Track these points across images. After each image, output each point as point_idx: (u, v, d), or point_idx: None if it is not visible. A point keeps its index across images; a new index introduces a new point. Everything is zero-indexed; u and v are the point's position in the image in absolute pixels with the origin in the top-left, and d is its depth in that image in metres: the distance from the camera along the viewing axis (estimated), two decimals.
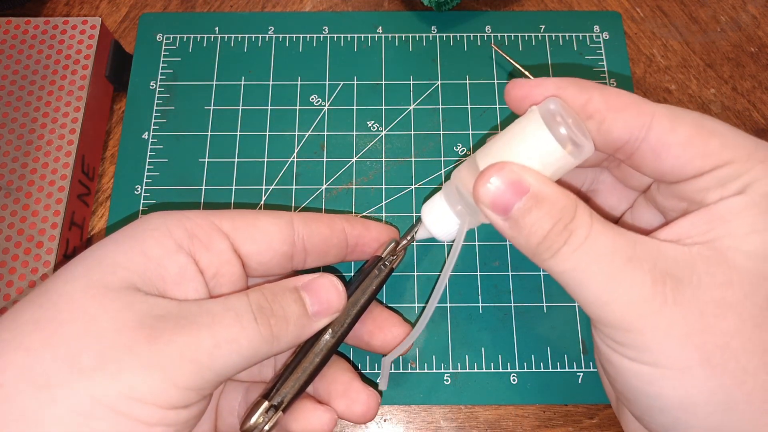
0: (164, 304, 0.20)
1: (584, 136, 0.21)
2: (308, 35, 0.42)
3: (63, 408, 0.18)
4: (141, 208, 0.37)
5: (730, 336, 0.18)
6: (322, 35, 0.42)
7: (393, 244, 0.28)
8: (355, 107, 0.40)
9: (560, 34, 0.42)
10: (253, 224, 0.24)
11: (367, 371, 0.34)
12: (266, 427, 0.23)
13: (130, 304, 0.20)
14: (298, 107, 0.40)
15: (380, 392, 0.29)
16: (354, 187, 0.38)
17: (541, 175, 0.20)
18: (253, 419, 0.23)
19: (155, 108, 0.40)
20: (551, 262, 0.20)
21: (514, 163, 0.21)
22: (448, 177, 0.38)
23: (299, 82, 0.40)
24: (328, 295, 0.23)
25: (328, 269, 0.35)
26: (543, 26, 0.42)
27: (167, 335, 0.19)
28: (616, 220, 0.27)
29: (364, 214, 0.37)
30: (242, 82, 0.40)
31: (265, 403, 0.24)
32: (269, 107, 0.40)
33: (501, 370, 0.33)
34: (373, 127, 0.39)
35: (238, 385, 0.27)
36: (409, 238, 0.28)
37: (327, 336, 0.25)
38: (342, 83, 0.40)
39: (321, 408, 0.26)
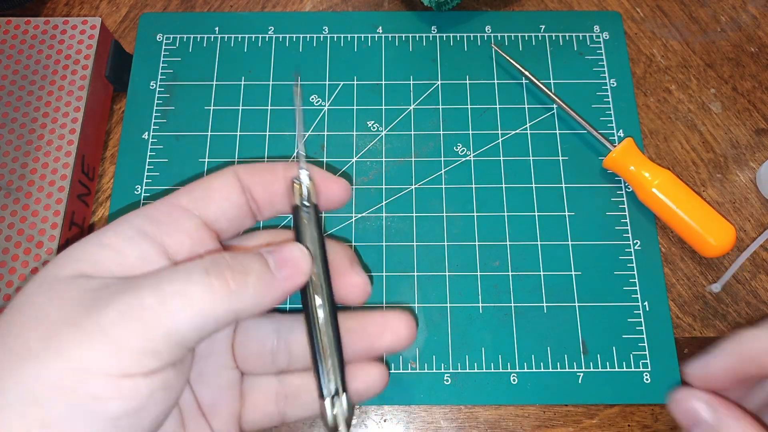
0: (112, 281, 0.20)
1: None
2: (308, 35, 0.42)
3: (12, 397, 0.17)
4: None
5: None
6: (322, 35, 0.42)
7: (296, 184, 0.25)
8: (355, 107, 0.40)
9: (560, 34, 0.42)
10: (207, 187, 0.23)
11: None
12: (345, 416, 0.23)
13: (75, 286, 0.19)
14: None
15: None
16: (354, 187, 0.38)
17: (733, 407, 0.22)
18: (331, 420, 0.23)
19: (155, 108, 0.40)
20: None
21: (707, 393, 0.23)
22: (448, 177, 0.38)
23: (299, 82, 0.40)
24: (291, 254, 0.22)
25: None
26: (543, 26, 0.42)
27: (106, 299, 0.19)
28: None
29: (364, 214, 0.37)
30: (242, 82, 0.40)
31: (327, 400, 0.23)
32: (269, 107, 0.40)
33: (501, 370, 0.33)
34: (373, 127, 0.39)
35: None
36: (301, 169, 0.25)
37: (318, 302, 0.23)
38: (342, 83, 0.40)
39: (370, 365, 0.25)
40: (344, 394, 0.23)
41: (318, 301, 0.24)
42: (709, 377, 0.23)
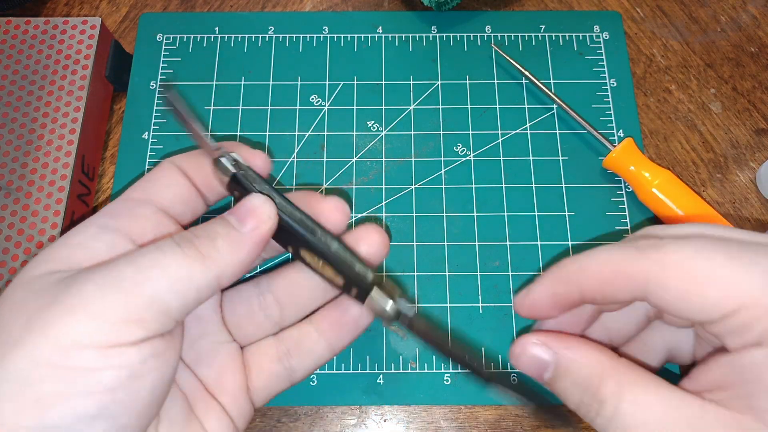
0: (87, 266, 0.20)
1: None
2: (308, 35, 0.42)
3: (2, 383, 0.17)
4: None
5: None
6: (322, 35, 0.42)
7: (221, 160, 0.24)
8: (355, 107, 0.40)
9: (560, 34, 0.42)
10: (151, 179, 0.24)
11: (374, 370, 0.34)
12: (408, 310, 0.23)
13: (50, 279, 0.20)
14: (298, 107, 0.40)
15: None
16: (354, 187, 0.38)
17: (563, 340, 0.21)
18: (388, 305, 0.23)
19: (155, 108, 0.40)
20: (594, 423, 0.20)
21: (541, 333, 0.22)
22: (448, 177, 0.38)
23: (299, 82, 0.40)
24: (249, 205, 0.22)
25: None
26: (543, 26, 0.42)
27: (84, 277, 0.19)
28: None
29: (364, 214, 0.37)
30: (242, 82, 0.40)
31: (375, 290, 0.23)
32: (269, 107, 0.40)
33: (501, 370, 0.33)
34: (373, 127, 0.39)
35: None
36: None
37: (305, 226, 0.23)
38: (342, 83, 0.40)
39: (368, 230, 0.25)
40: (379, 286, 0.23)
41: (304, 225, 0.23)
42: (534, 304, 0.23)
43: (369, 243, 0.25)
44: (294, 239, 0.23)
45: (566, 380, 0.20)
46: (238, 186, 0.23)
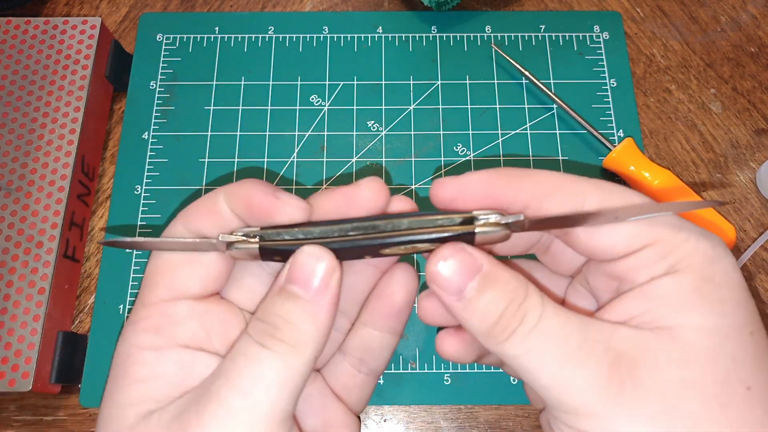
0: (179, 404, 0.19)
1: None
2: (308, 35, 0.42)
3: None
4: (141, 208, 0.37)
5: (699, 418, 0.17)
6: (322, 35, 0.42)
7: (237, 248, 0.21)
8: (355, 107, 0.40)
9: (560, 34, 0.42)
10: (171, 267, 0.21)
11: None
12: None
13: (151, 421, 0.19)
14: (298, 107, 0.40)
15: None
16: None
17: (490, 257, 0.20)
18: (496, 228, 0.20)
19: (155, 108, 0.40)
20: (506, 345, 0.19)
21: (464, 244, 0.20)
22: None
23: (299, 82, 0.40)
24: (301, 266, 0.20)
25: None
26: (543, 26, 0.42)
27: (196, 420, 0.19)
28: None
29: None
30: (242, 82, 0.40)
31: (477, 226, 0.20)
32: (269, 107, 0.40)
33: (501, 371, 0.33)
34: (373, 127, 0.39)
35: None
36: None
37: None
38: (342, 83, 0.40)
39: (396, 268, 0.24)
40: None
41: (365, 234, 0.21)
42: (463, 189, 0.21)
43: (372, 191, 0.23)
44: (365, 251, 0.21)
45: (493, 291, 0.19)
46: (274, 252, 0.21)
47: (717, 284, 0.19)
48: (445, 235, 0.20)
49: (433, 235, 0.20)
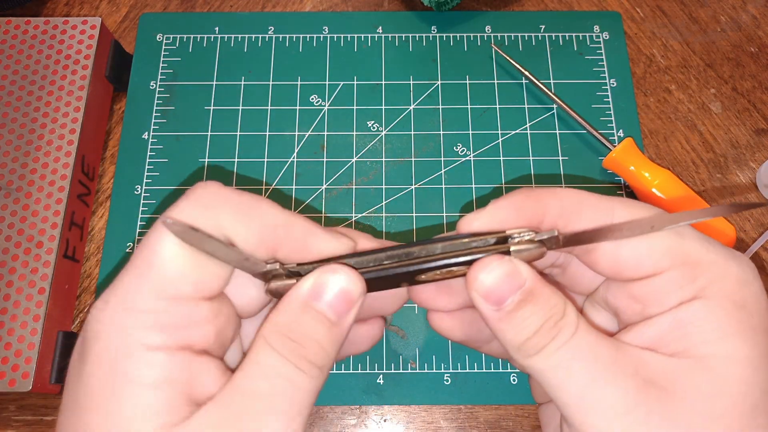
0: (200, 420, 0.18)
1: None
2: (308, 35, 0.42)
3: None
4: (141, 208, 0.37)
5: None
6: (322, 35, 0.42)
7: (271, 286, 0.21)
8: (355, 107, 0.40)
9: (560, 34, 0.42)
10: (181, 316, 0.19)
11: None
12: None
13: None
14: (298, 107, 0.40)
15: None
16: (354, 187, 0.38)
17: (534, 271, 0.20)
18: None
19: (155, 108, 0.40)
20: (536, 358, 0.19)
21: (511, 256, 0.20)
22: (448, 177, 0.38)
23: (299, 82, 0.40)
24: (346, 297, 0.20)
25: None
26: (543, 26, 0.42)
27: None
28: None
29: (364, 214, 0.37)
30: (242, 82, 0.40)
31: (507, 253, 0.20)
32: (269, 107, 0.40)
33: (501, 370, 0.33)
34: (373, 127, 0.39)
35: None
36: None
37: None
38: (342, 83, 0.40)
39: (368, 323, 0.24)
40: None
41: (400, 263, 0.21)
42: (495, 210, 0.21)
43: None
44: (401, 278, 0.21)
45: (534, 307, 0.19)
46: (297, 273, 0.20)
47: (749, 311, 0.18)
48: (481, 256, 0.20)
49: (469, 257, 0.20)
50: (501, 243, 0.20)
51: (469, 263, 0.20)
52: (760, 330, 0.18)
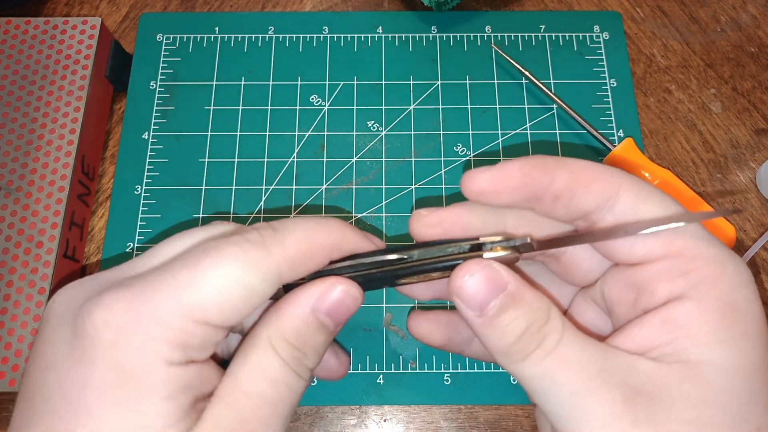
0: (210, 422, 0.19)
1: None
2: (308, 35, 0.42)
3: None
4: (141, 208, 0.37)
5: None
6: (322, 35, 0.42)
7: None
8: (355, 107, 0.40)
9: (560, 34, 0.42)
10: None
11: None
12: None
13: None
14: (298, 107, 0.40)
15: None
16: (354, 187, 0.38)
17: (516, 275, 0.20)
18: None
19: (155, 108, 0.40)
20: (522, 365, 0.19)
21: (492, 260, 0.20)
22: (448, 177, 0.38)
23: (299, 82, 0.40)
24: (346, 308, 0.21)
25: None
26: (543, 26, 0.42)
27: None
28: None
29: (364, 214, 0.37)
30: (242, 82, 0.40)
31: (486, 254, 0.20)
32: (269, 107, 0.40)
33: (501, 370, 0.33)
34: (373, 127, 0.39)
35: None
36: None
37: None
38: (342, 83, 0.40)
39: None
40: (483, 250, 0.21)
41: (381, 269, 0.22)
42: (503, 178, 0.20)
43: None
44: (383, 283, 0.22)
45: (516, 311, 0.19)
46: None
47: (741, 315, 0.18)
48: (456, 263, 0.21)
49: (443, 264, 0.21)
50: (475, 250, 0.21)
51: (445, 269, 0.21)
52: (752, 335, 0.18)
